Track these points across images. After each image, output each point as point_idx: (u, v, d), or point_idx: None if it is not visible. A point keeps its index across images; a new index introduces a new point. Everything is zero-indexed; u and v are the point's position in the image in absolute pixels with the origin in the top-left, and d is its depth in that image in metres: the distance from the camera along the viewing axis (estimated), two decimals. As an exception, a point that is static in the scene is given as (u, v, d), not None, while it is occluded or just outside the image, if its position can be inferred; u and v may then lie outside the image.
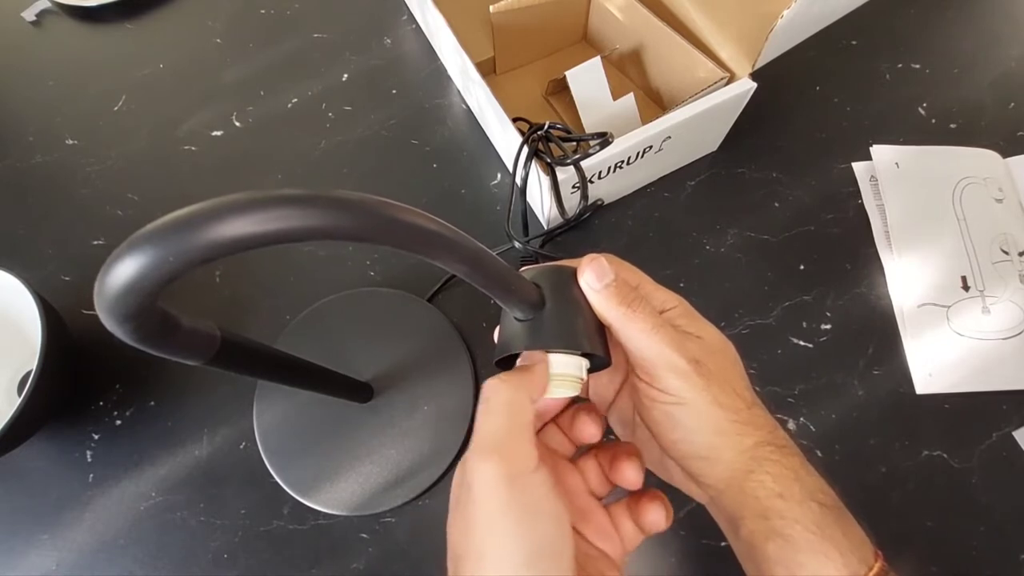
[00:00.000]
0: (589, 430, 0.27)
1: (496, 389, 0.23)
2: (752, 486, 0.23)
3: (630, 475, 0.26)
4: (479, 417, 0.23)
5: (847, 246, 0.51)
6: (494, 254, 0.21)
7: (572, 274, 0.26)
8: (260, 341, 0.28)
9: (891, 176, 0.52)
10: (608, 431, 0.29)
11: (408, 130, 0.58)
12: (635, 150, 0.46)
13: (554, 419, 0.28)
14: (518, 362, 0.26)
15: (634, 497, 0.26)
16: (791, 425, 0.44)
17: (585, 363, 0.25)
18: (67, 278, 0.52)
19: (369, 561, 0.42)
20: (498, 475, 0.21)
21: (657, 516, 0.25)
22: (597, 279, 0.25)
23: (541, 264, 0.27)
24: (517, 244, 0.49)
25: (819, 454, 0.44)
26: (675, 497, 0.26)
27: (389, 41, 0.63)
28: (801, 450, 0.25)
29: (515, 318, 0.25)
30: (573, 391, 0.25)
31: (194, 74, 0.62)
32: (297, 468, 0.44)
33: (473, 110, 0.57)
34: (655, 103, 0.57)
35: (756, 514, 0.23)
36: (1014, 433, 0.43)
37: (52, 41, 0.65)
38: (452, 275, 0.49)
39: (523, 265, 0.26)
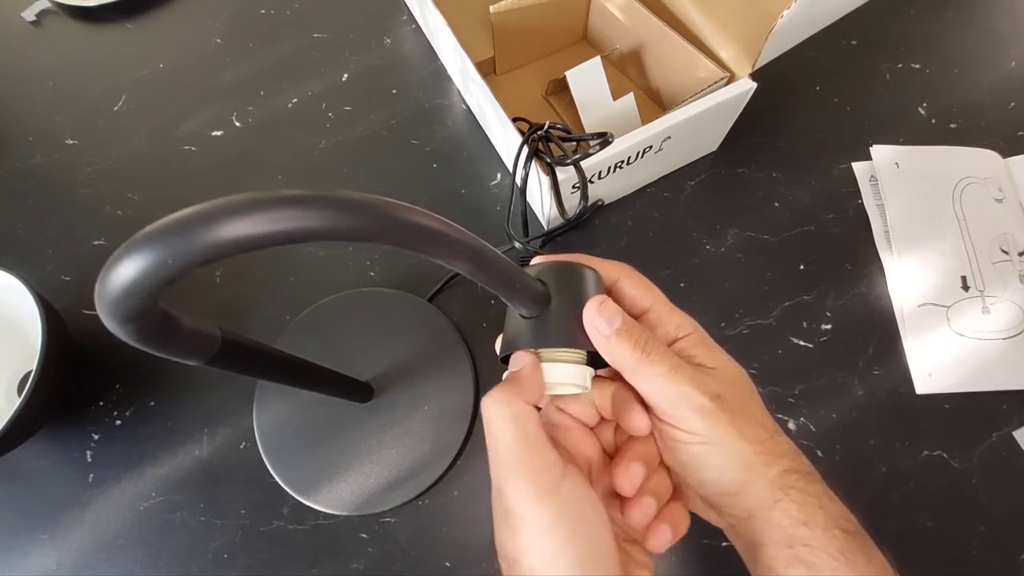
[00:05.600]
0: (639, 421, 0.25)
1: (493, 409, 0.22)
2: (777, 515, 0.23)
3: (639, 422, 0.25)
4: (489, 441, 0.22)
5: (847, 246, 0.51)
6: (498, 251, 0.21)
7: (578, 270, 0.25)
8: (260, 341, 0.28)
9: (891, 176, 0.52)
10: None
11: (408, 130, 0.58)
12: (635, 150, 0.46)
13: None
14: (510, 366, 0.25)
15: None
16: (791, 425, 0.44)
17: (589, 371, 0.25)
18: (67, 278, 0.52)
19: (369, 561, 0.42)
20: (530, 495, 0.21)
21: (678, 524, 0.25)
22: (607, 324, 0.24)
23: (547, 258, 0.26)
24: (517, 244, 0.49)
25: (819, 454, 0.44)
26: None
27: (389, 41, 0.63)
28: (801, 450, 0.24)
29: (520, 315, 0.25)
30: (577, 389, 0.25)
31: (194, 74, 0.62)
32: (297, 468, 0.44)
33: (473, 110, 0.57)
34: (655, 103, 0.57)
35: (779, 542, 0.23)
36: (1014, 433, 0.43)
37: (52, 41, 0.65)
38: (452, 275, 0.49)
39: (523, 265, 0.25)
